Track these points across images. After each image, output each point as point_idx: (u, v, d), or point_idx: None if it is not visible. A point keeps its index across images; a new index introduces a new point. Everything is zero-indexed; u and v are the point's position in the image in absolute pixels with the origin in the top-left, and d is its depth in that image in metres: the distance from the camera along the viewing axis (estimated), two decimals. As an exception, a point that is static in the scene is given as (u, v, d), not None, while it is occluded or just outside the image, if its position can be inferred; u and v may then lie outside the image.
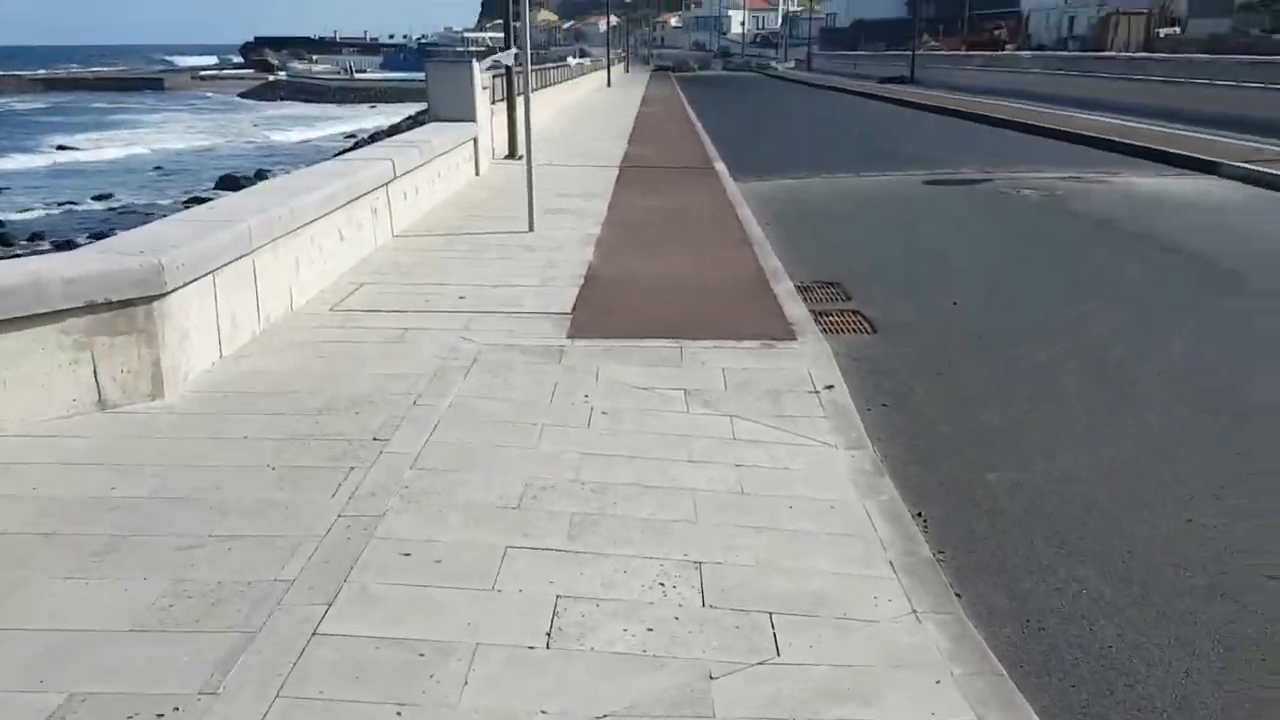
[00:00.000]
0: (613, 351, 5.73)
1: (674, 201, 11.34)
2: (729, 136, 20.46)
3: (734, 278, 7.53)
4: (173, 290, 4.90)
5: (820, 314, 6.86)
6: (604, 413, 4.79)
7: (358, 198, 7.97)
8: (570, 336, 6.02)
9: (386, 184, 8.86)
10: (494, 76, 15.30)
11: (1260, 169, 13.60)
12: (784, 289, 7.21)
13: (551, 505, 3.82)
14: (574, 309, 6.64)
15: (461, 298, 6.94)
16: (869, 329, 6.76)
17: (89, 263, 4.67)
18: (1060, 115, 23.49)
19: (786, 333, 6.08)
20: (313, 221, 6.86)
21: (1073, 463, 4.54)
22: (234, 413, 4.75)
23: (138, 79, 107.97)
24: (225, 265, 5.49)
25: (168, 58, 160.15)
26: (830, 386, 5.16)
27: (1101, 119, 22.11)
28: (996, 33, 65.49)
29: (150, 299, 4.78)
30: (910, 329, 6.71)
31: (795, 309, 6.64)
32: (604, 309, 6.61)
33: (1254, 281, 7.89)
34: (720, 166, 14.71)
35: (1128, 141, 17.35)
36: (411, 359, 5.55)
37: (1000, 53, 46.82)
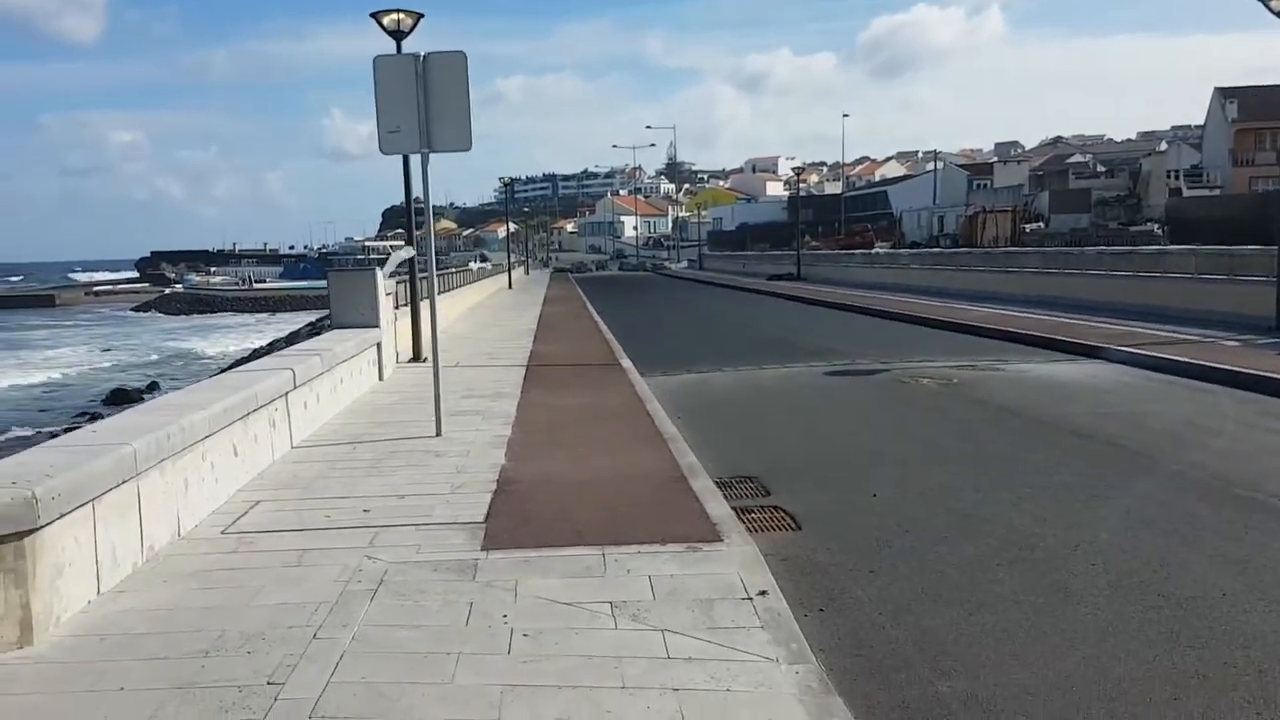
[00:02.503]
0: (531, 563, 5.39)
1: (583, 399, 11.23)
2: (632, 333, 20.78)
3: (651, 476, 7.33)
4: (46, 524, 4.45)
5: (742, 511, 6.66)
6: (525, 635, 4.42)
7: (255, 410, 7.62)
8: (485, 549, 5.67)
9: (286, 394, 8.54)
10: (398, 282, 15.35)
11: (1141, 352, 14.29)
12: (703, 486, 7.01)
13: (474, 753, 3.40)
14: (487, 518, 6.31)
15: (366, 511, 6.55)
16: (793, 525, 6.57)
17: (-53, 499, 4.20)
18: (945, 307, 24.65)
19: (711, 534, 5.85)
20: (205, 438, 6.47)
21: (1024, 671, 4.32)
22: (111, 659, 4.22)
23: (27, 296, 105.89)
24: (106, 493, 5.05)
25: (70, 274, 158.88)
26: (764, 592, 4.90)
27: (984, 309, 23.26)
28: (867, 234, 70.36)
29: (21, 535, 4.31)
30: (834, 524, 6.55)
31: (717, 507, 6.43)
32: (519, 516, 6.30)
33: (1164, 463, 8.03)
34: (626, 362, 14.78)
35: (1013, 330, 18.17)
36: (311, 584, 5.11)
37: (878, 250, 49.59)
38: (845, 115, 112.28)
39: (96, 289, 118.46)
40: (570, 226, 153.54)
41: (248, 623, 4.60)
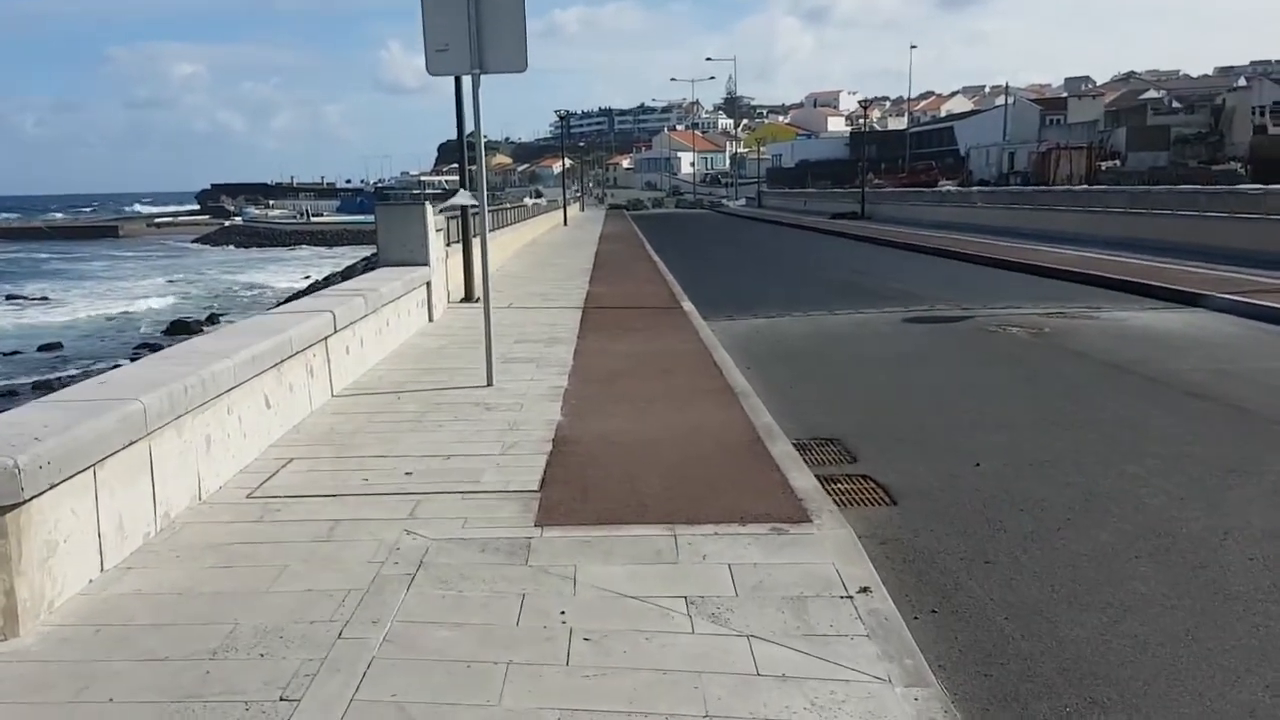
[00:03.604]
0: (592, 544, 4.69)
1: (644, 345, 10.47)
2: (693, 274, 19.90)
3: (723, 437, 6.57)
4: (33, 497, 3.82)
5: (827, 481, 5.88)
6: (586, 639, 3.72)
7: (290, 356, 6.99)
8: (539, 524, 4.98)
9: (325, 338, 7.91)
10: (449, 219, 14.63)
11: (1247, 300, 13.13)
12: (782, 451, 6.24)
13: (524, 816, 2.71)
14: (542, 485, 5.61)
15: (408, 474, 5.89)
16: (887, 499, 5.79)
17: (-88, 469, 3.57)
18: (1023, 248, 23.34)
19: (797, 511, 5.09)
20: (230, 390, 5.84)
21: (1196, 701, 3.52)
22: (104, 658, 3.61)
23: (92, 227, 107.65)
24: (110, 455, 4.42)
25: (136, 206, 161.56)
26: (866, 589, 4.14)
27: (1065, 251, 21.95)
28: (931, 172, 68.75)
29: (1, 510, 3.69)
30: (935, 499, 5.75)
31: (801, 478, 5.65)
32: (578, 484, 5.59)
33: (1300, 429, 7.09)
34: (688, 305, 13.97)
35: (1102, 274, 16.97)
36: (342, 565, 4.46)
37: (948, 188, 47.79)
38: (913, 47, 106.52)
39: (158, 221, 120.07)
40: (626, 163, 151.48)
41: (265, 613, 3.96)
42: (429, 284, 12.69)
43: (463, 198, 14.38)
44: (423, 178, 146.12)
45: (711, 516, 5.00)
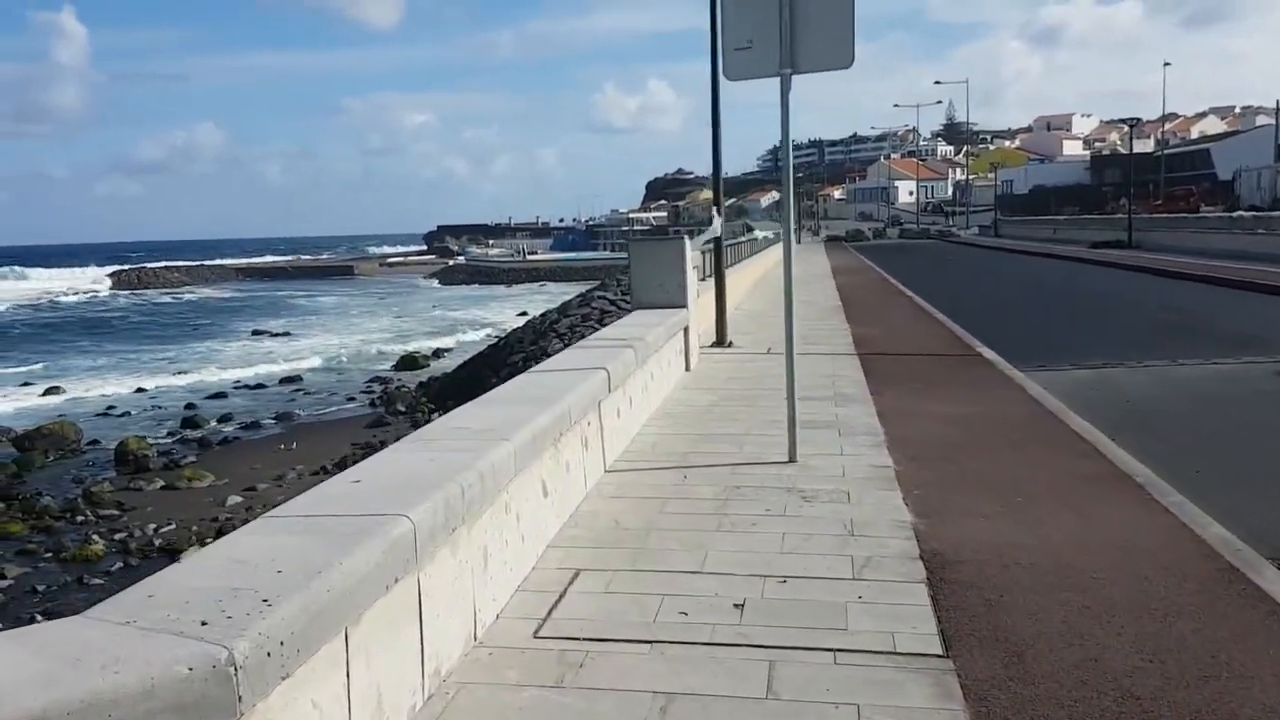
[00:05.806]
0: (1089, 781, 2.86)
1: (965, 406, 8.50)
2: (966, 312, 17.48)
3: (1171, 561, 4.58)
4: (259, 700, 2.41)
5: (1376, 649, 3.79)
6: None
7: (567, 429, 5.56)
8: (982, 730, 3.20)
9: (599, 402, 6.48)
10: (704, 253, 13.21)
11: None
12: (1291, 597, 4.18)
13: None
14: (947, 645, 3.81)
15: (737, 606, 4.25)
16: None
17: (87, 677, 2.17)
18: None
19: None
20: (509, 481, 4.42)
21: None
22: None
23: (330, 267, 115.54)
24: (370, 605, 3.00)
25: (385, 247, 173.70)
26: None
27: None
28: (1191, 197, 63.12)
29: (209, 729, 2.28)
30: None
31: (1368, 657, 3.60)
32: (1004, 647, 3.76)
33: None
34: (988, 352, 11.80)
35: None
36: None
37: (1238, 213, 42.59)
38: (1167, 64, 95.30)
39: (389, 260, 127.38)
40: (838, 193, 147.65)
41: None
42: (686, 329, 11.24)
43: (717, 227, 12.93)
44: (631, 214, 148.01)
45: (1274, 735, 3.06)
